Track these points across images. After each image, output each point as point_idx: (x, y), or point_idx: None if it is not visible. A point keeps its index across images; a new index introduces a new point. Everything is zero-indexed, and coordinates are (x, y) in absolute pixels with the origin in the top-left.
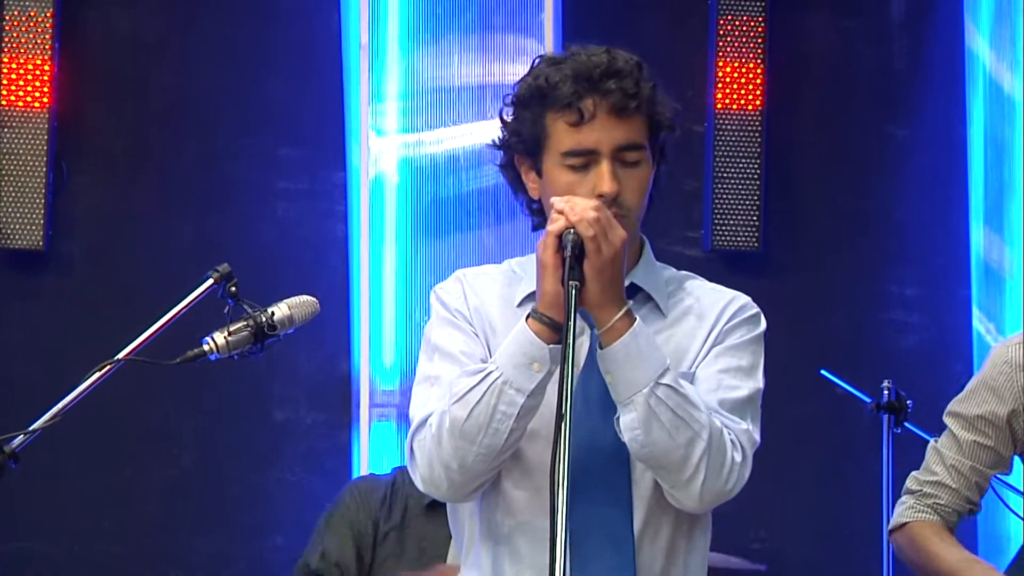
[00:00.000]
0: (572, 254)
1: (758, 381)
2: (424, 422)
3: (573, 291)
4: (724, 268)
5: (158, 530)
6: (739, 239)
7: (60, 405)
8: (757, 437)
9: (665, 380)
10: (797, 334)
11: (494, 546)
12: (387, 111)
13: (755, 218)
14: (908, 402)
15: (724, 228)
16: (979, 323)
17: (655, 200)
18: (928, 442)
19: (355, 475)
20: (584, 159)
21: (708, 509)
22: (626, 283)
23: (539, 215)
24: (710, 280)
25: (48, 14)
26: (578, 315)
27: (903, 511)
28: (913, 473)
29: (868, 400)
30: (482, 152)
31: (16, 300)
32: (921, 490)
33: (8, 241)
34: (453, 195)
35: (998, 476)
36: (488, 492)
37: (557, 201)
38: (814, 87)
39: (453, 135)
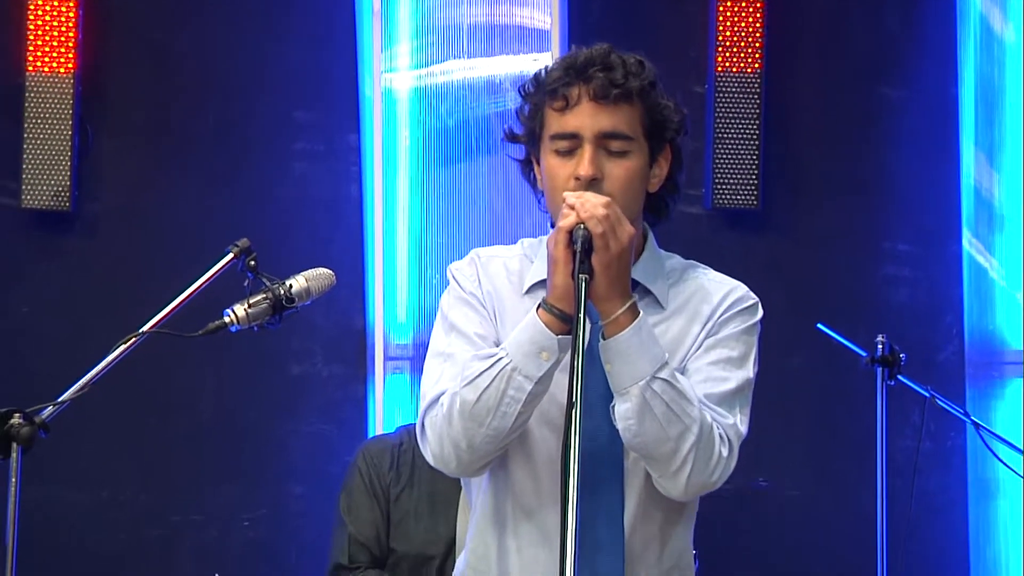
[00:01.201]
0: (582, 249)
1: (748, 371)
2: (436, 400)
3: (583, 284)
4: (724, 226)
5: (181, 477)
6: (739, 198)
7: (87, 377)
8: (744, 429)
9: (662, 374)
10: (795, 289)
11: (498, 525)
12: (399, 53)
13: (754, 177)
14: (901, 356)
15: (724, 187)
16: (976, 254)
17: (667, 201)
18: (920, 394)
19: (370, 426)
20: (568, 143)
21: (693, 498)
22: None
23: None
24: (711, 239)
25: None
26: (588, 310)
27: None
28: None
29: (863, 354)
30: (487, 84)
31: (44, 260)
32: None
33: (36, 202)
34: (460, 122)
35: (986, 427)
36: (495, 471)
37: (568, 196)
38: (812, 49)
39: (461, 68)
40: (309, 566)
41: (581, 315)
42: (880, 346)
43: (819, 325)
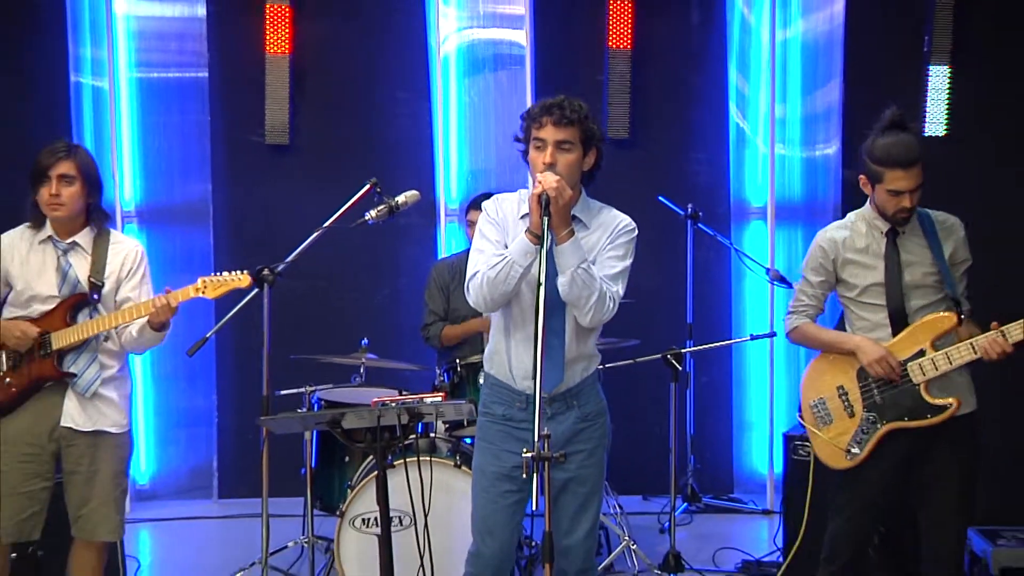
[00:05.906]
0: (545, 204)
1: (627, 262)
2: (474, 275)
3: (545, 221)
4: (613, 147)
5: (344, 276)
6: (620, 131)
7: (301, 247)
8: (622, 293)
9: (583, 266)
10: (648, 178)
11: (506, 332)
12: (448, 15)
13: (627, 120)
14: (700, 213)
15: (613, 125)
16: (740, 122)
17: (594, 174)
18: (709, 233)
19: (438, 249)
20: (541, 144)
21: (596, 326)
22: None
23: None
24: (606, 154)
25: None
26: (549, 233)
27: (793, 321)
28: (790, 303)
29: (682, 212)
30: (493, 42)
31: (274, 172)
32: (796, 310)
33: (272, 140)
34: (481, 65)
35: (739, 249)
36: (504, 307)
37: (538, 175)
38: (661, 58)
39: (480, 32)
40: (410, 322)
41: (544, 237)
42: (690, 208)
43: (660, 198)
